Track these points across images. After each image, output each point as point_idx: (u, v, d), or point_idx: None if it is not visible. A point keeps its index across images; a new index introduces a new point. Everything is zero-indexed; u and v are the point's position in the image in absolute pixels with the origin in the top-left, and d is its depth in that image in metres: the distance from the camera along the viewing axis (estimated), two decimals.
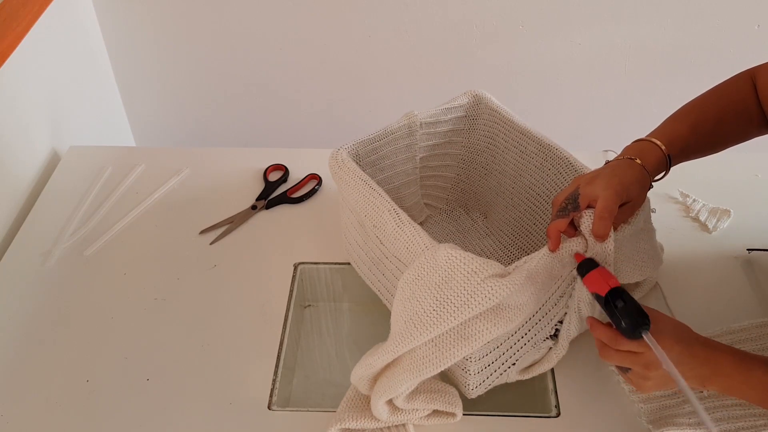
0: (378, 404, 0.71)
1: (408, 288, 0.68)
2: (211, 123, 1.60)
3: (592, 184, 0.68)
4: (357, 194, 0.77)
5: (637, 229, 0.75)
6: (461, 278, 0.65)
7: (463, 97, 0.92)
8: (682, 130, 0.75)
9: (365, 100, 1.53)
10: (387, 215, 0.74)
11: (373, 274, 0.87)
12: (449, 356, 0.66)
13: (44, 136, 1.15)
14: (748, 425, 0.73)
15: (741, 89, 0.78)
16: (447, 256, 0.67)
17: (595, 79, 1.45)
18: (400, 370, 0.69)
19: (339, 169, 0.80)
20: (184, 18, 1.39)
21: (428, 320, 0.65)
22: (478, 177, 0.99)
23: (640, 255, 0.78)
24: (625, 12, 1.34)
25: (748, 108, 0.77)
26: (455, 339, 0.66)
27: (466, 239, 0.99)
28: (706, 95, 0.79)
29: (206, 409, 0.78)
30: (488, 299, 0.63)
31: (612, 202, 0.66)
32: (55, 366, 0.83)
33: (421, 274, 0.68)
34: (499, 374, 0.77)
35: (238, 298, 0.91)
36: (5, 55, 1.02)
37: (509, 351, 0.76)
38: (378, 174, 0.91)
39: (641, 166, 0.71)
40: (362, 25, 1.39)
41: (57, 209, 1.04)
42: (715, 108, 0.78)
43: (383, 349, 0.69)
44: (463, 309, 0.64)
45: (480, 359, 0.73)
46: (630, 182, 0.70)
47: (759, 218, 0.99)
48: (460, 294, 0.65)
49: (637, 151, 0.73)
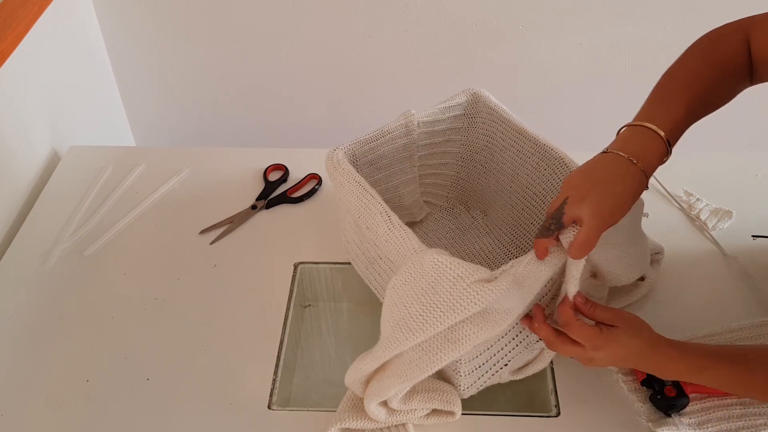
0: (370, 407, 0.71)
1: (395, 293, 0.68)
2: (211, 123, 1.60)
3: (581, 205, 0.63)
4: (351, 195, 0.78)
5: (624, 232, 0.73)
6: (447, 283, 0.65)
7: (461, 95, 0.92)
8: (679, 109, 0.68)
9: (365, 100, 1.53)
10: (379, 217, 0.74)
11: (369, 272, 0.87)
12: (436, 360, 0.66)
13: (44, 136, 1.15)
14: (748, 425, 0.73)
15: (732, 46, 0.71)
16: (433, 261, 0.67)
17: (595, 79, 1.45)
18: (389, 374, 0.69)
19: (334, 170, 0.81)
20: (184, 18, 1.39)
21: (414, 325, 0.65)
22: (477, 175, 0.99)
23: (627, 258, 0.76)
24: (625, 12, 1.34)
25: (738, 65, 0.71)
26: (442, 343, 0.66)
27: (466, 237, 0.99)
28: (694, 58, 0.72)
29: (206, 409, 0.78)
30: (474, 304, 0.63)
31: (595, 233, 0.62)
32: (55, 366, 0.83)
33: (408, 279, 0.68)
34: (490, 375, 0.77)
35: (238, 298, 0.91)
36: (5, 55, 1.02)
37: (501, 352, 0.76)
38: (376, 173, 0.91)
39: (641, 173, 0.64)
40: (362, 25, 1.39)
41: (57, 209, 1.04)
42: (709, 74, 0.70)
43: (372, 353, 0.69)
44: (449, 314, 0.64)
45: (470, 361, 0.73)
46: (623, 201, 0.64)
47: (759, 218, 0.99)
48: (446, 299, 0.64)
49: (640, 149, 0.65)
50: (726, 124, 1.55)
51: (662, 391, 0.74)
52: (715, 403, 0.75)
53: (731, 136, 1.58)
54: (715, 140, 1.59)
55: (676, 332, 0.83)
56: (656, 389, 0.74)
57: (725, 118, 1.54)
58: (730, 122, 1.55)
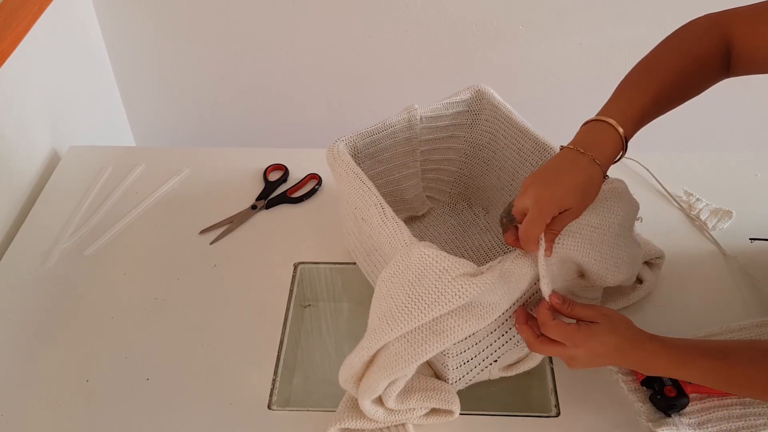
0: (364, 405, 0.71)
1: (384, 285, 0.69)
2: (211, 123, 1.60)
3: (523, 198, 0.66)
4: (349, 187, 0.79)
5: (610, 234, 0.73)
6: (433, 276, 0.66)
7: (465, 92, 0.93)
8: (642, 101, 0.69)
9: (365, 100, 1.53)
10: (373, 209, 0.75)
11: (367, 264, 0.88)
12: (421, 352, 0.67)
13: (44, 136, 1.15)
14: (748, 425, 0.73)
15: (704, 39, 0.72)
16: (420, 254, 0.68)
17: (595, 79, 1.45)
18: (376, 368, 0.70)
19: (334, 161, 0.82)
20: (184, 18, 1.39)
21: (399, 316, 0.66)
22: (479, 172, 0.99)
23: (613, 260, 0.74)
24: (625, 12, 1.34)
25: (711, 58, 0.71)
26: (427, 335, 0.67)
27: (467, 233, 1.00)
28: (664, 52, 0.73)
29: (206, 409, 0.78)
30: (458, 297, 0.65)
31: (535, 223, 0.65)
32: (55, 366, 0.83)
33: (397, 271, 0.69)
34: (479, 371, 0.77)
35: (238, 298, 0.91)
36: (5, 55, 1.02)
37: (489, 348, 0.76)
38: (377, 166, 0.92)
39: (591, 160, 0.66)
40: (362, 25, 1.39)
41: (57, 209, 1.04)
42: (678, 66, 0.71)
43: (359, 346, 0.70)
44: (433, 306, 0.65)
45: (458, 355, 0.74)
46: (571, 188, 0.65)
47: (759, 218, 0.99)
48: (430, 291, 0.66)
49: (592, 141, 0.67)
50: (726, 124, 1.56)
51: (662, 391, 0.74)
52: (715, 403, 0.75)
53: (731, 136, 1.58)
54: (715, 140, 1.59)
55: (676, 332, 0.83)
56: (656, 389, 0.74)
57: (725, 118, 1.55)
58: (730, 122, 1.55)
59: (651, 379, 0.75)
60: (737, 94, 1.46)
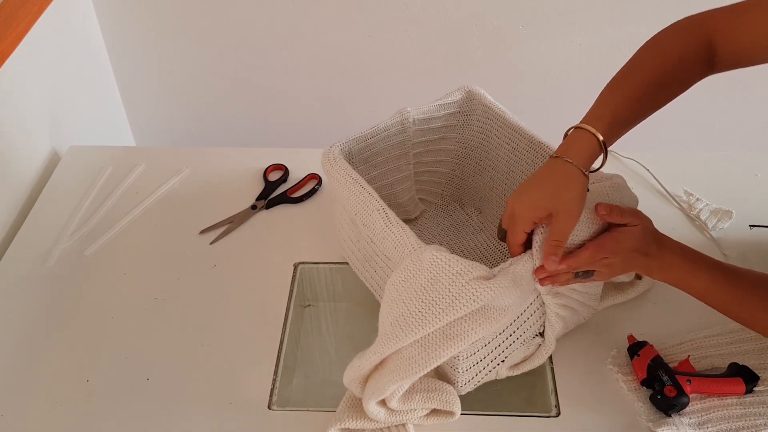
0: (369, 406, 0.71)
1: (395, 290, 0.69)
2: (211, 123, 1.60)
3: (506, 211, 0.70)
4: (348, 193, 0.78)
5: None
6: (446, 280, 0.65)
7: (456, 93, 0.93)
8: (620, 104, 0.72)
9: (365, 99, 1.53)
10: (376, 215, 0.74)
11: (366, 270, 0.87)
12: (435, 356, 0.67)
13: (44, 136, 1.15)
14: (748, 425, 0.73)
15: (683, 38, 0.73)
16: (432, 258, 0.67)
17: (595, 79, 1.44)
18: (387, 371, 0.69)
19: (331, 168, 0.81)
20: (184, 18, 1.39)
21: (414, 322, 0.66)
22: (472, 173, 1.00)
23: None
24: (625, 12, 1.34)
25: (692, 55, 0.73)
26: (441, 339, 0.67)
27: (461, 234, 1.00)
28: (643, 54, 0.75)
29: (206, 409, 0.78)
30: (473, 301, 0.64)
31: (513, 233, 0.69)
32: (55, 366, 0.83)
33: (408, 276, 0.68)
34: (488, 371, 0.77)
35: (238, 298, 0.91)
36: (5, 55, 1.02)
37: (498, 348, 0.76)
38: (372, 170, 0.91)
39: (565, 162, 0.68)
40: (362, 25, 1.39)
41: (57, 209, 1.04)
42: (657, 67, 0.73)
43: (370, 350, 0.69)
44: (449, 311, 0.65)
45: (469, 357, 0.74)
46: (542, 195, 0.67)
47: (759, 218, 0.99)
48: (445, 296, 0.65)
49: (565, 146, 0.71)
50: (726, 124, 1.56)
51: (662, 391, 0.74)
52: (715, 403, 0.75)
53: (731, 136, 1.58)
54: (715, 140, 1.59)
55: (675, 332, 0.84)
56: (656, 389, 0.75)
57: (725, 118, 1.55)
58: (731, 122, 1.55)
59: (651, 379, 0.75)
60: (737, 94, 1.46)
